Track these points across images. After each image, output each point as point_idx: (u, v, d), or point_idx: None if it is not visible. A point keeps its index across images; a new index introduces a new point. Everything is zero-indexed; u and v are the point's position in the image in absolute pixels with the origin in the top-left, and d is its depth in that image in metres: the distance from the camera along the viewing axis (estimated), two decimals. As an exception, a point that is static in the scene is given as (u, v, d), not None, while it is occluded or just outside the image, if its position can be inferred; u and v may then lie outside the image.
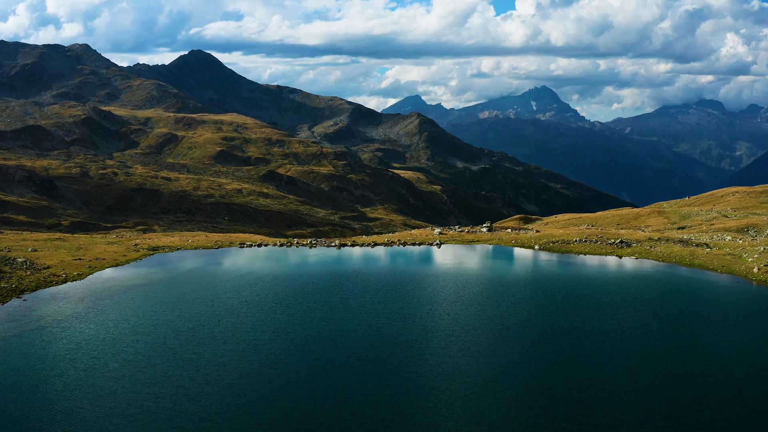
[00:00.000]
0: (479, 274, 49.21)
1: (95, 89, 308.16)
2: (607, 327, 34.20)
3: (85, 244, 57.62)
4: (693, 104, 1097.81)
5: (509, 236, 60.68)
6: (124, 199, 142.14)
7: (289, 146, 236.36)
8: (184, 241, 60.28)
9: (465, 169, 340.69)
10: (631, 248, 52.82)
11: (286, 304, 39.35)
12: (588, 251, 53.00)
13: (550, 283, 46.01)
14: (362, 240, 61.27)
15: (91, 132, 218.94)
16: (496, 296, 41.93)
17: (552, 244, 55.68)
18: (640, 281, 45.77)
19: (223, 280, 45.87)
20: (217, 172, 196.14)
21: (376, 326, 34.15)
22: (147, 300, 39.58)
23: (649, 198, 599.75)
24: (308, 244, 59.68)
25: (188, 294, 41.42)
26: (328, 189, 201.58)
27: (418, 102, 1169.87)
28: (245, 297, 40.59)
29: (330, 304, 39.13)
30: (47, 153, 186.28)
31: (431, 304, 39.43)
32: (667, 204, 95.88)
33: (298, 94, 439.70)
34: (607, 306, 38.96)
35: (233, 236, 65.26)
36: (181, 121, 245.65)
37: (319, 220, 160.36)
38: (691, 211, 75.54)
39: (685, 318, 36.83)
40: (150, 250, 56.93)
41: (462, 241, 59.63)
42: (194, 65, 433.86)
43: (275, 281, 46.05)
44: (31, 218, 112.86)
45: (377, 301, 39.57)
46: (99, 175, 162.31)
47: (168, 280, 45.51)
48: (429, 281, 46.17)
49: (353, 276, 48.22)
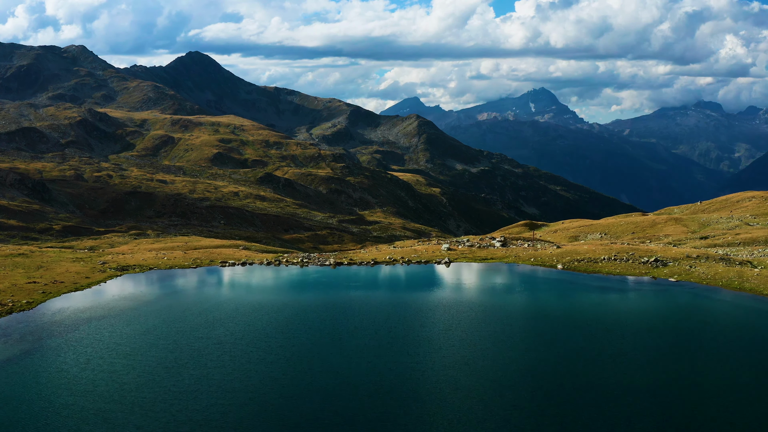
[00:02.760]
0: (499, 305, 42.07)
1: (91, 91, 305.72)
2: (677, 387, 27.00)
3: (48, 262, 51.76)
4: (692, 106, 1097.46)
5: (527, 253, 54.65)
6: (118, 203, 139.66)
7: (287, 148, 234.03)
8: (159, 259, 54.32)
9: (464, 171, 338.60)
10: (668, 268, 47.04)
11: (266, 347, 32.45)
12: (619, 271, 47.50)
13: (586, 318, 38.24)
14: (360, 257, 54.94)
15: (87, 134, 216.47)
16: (522, 337, 35.04)
17: (577, 263, 49.96)
18: (694, 314, 38.89)
19: (195, 313, 38.85)
20: (213, 174, 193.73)
21: (375, 384, 27.12)
22: (98, 341, 32.86)
23: (647, 199, 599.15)
24: (299, 262, 53.65)
25: (150, 332, 34.75)
26: (326, 192, 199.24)
27: (417, 104, 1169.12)
28: (217, 337, 33.78)
29: (320, 346, 32.53)
30: (42, 155, 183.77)
31: (444, 348, 32.29)
32: (678, 209, 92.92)
33: (296, 95, 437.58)
34: (666, 353, 31.77)
35: (215, 252, 58.09)
36: (178, 123, 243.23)
37: (317, 223, 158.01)
38: (709, 219, 72.27)
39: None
40: (118, 270, 50.69)
41: (474, 259, 53.72)
42: (192, 67, 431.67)
43: (256, 314, 39.04)
44: (22, 222, 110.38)
45: (378, 345, 32.76)
46: (93, 177, 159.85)
47: (130, 312, 38.71)
48: (440, 315, 38.88)
49: (349, 307, 41.33)
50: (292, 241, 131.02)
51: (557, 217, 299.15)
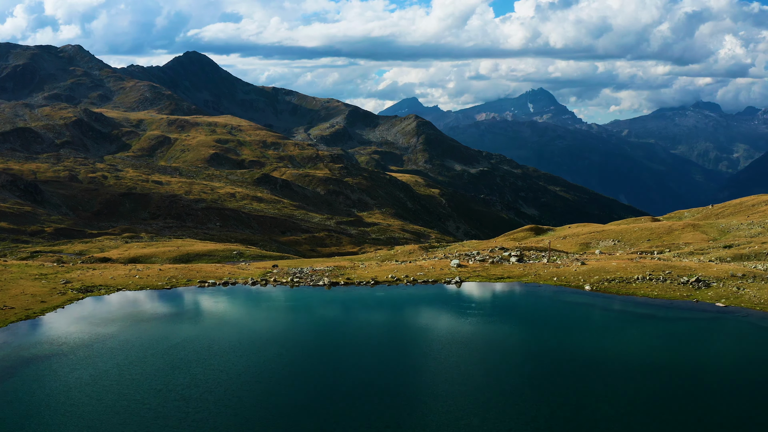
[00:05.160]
0: (522, 342, 35.39)
1: (87, 91, 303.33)
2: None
3: (5, 281, 45.82)
4: (690, 106, 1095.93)
5: (548, 271, 49.17)
6: (112, 204, 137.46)
7: (285, 149, 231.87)
8: (130, 278, 48.57)
9: (463, 171, 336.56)
10: (713, 290, 41.59)
11: (239, 404, 26.06)
12: (657, 294, 41.80)
13: (635, 361, 31.53)
14: (359, 275, 49.51)
15: (82, 134, 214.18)
16: (555, 385, 28.76)
17: (608, 284, 44.33)
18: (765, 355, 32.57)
19: (158, 353, 32.40)
20: (210, 175, 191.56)
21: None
22: (32, 396, 26.60)
23: (646, 200, 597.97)
24: (289, 282, 48.01)
25: (97, 381, 28.27)
26: (324, 193, 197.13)
27: (415, 104, 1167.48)
28: (180, 389, 27.48)
29: (307, 402, 26.60)
30: (36, 156, 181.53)
31: (461, 406, 26.37)
32: (688, 212, 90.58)
33: (294, 96, 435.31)
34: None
35: (193, 269, 51.76)
36: (174, 123, 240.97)
37: (314, 225, 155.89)
38: (729, 225, 69.10)
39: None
40: (81, 291, 44.67)
41: (487, 277, 48.08)
42: (189, 67, 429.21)
43: (231, 354, 32.58)
44: (12, 225, 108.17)
45: (379, 401, 26.84)
46: (88, 178, 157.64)
47: (80, 351, 32.34)
48: (452, 358, 32.38)
49: (345, 344, 35.07)
50: (289, 243, 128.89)
51: (557, 218, 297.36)
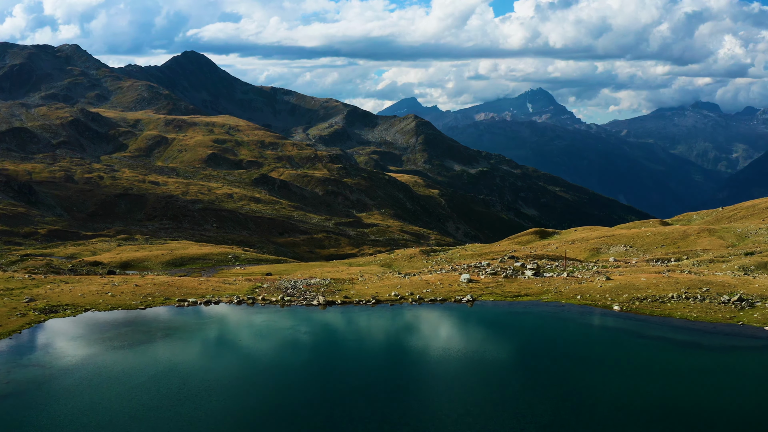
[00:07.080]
0: (558, 386, 28.92)
1: (84, 90, 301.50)
2: None
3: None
4: (689, 106, 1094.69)
5: (569, 287, 44.38)
6: (107, 205, 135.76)
7: (283, 149, 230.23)
8: (101, 295, 42.89)
9: (463, 172, 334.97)
10: (758, 311, 37.14)
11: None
12: (696, 315, 37.17)
13: (686, 407, 26.18)
14: (357, 292, 44.80)
15: (79, 134, 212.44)
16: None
17: (639, 303, 39.45)
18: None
19: (116, 397, 26.92)
20: (207, 176, 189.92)
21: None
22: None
23: (645, 200, 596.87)
24: (279, 300, 43.08)
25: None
26: (323, 193, 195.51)
27: (414, 104, 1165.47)
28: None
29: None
30: (32, 156, 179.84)
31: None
32: (697, 215, 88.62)
33: (292, 95, 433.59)
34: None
35: (173, 285, 46.16)
36: (172, 123, 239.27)
37: (312, 226, 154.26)
38: (746, 230, 66.39)
39: None
40: (44, 312, 39.14)
41: (502, 295, 43.52)
42: (187, 66, 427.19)
43: (204, 399, 27.05)
44: (5, 226, 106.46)
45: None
46: (84, 179, 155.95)
47: (25, 394, 27.04)
48: (466, 406, 26.68)
49: (341, 390, 28.77)
50: (286, 245, 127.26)
51: (557, 218, 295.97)
